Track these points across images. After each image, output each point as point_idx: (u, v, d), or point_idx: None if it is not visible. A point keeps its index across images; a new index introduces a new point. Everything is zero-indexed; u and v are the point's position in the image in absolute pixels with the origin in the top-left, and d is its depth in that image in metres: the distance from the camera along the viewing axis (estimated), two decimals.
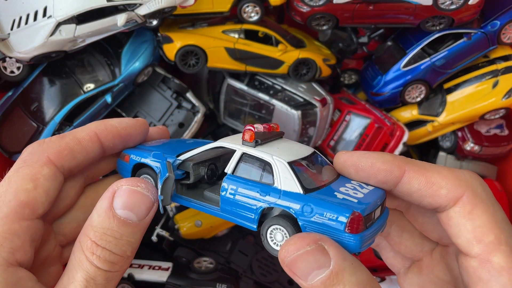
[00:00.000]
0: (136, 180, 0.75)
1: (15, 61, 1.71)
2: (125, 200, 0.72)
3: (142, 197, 0.73)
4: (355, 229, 0.68)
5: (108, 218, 0.71)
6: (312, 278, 0.64)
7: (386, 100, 2.03)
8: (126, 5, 1.53)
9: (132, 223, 0.71)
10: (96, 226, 0.71)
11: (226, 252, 1.91)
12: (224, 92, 1.99)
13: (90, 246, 0.70)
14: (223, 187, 0.77)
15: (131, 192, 0.72)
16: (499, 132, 2.09)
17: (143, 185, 0.74)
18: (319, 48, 2.02)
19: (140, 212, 0.72)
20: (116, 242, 0.70)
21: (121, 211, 0.71)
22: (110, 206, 0.71)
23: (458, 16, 1.79)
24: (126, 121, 0.86)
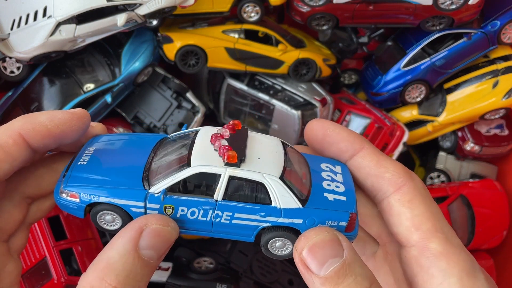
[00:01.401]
0: (166, 219, 0.68)
1: (15, 61, 1.70)
2: (153, 241, 0.65)
3: (169, 237, 0.67)
4: (352, 228, 0.72)
5: (132, 259, 0.63)
6: (326, 268, 0.64)
7: (386, 100, 2.03)
8: (126, 5, 1.53)
9: (153, 263, 0.66)
10: (118, 268, 0.63)
11: (226, 252, 1.91)
12: (224, 92, 1.99)
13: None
14: (216, 215, 0.72)
15: (160, 232, 0.66)
16: (499, 132, 2.09)
17: (173, 225, 0.69)
18: (319, 48, 2.02)
19: (162, 251, 0.67)
20: (139, 286, 0.64)
21: (146, 252, 0.65)
22: (135, 247, 0.64)
23: (458, 16, 1.79)
24: (59, 117, 0.73)
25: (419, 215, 0.73)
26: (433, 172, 2.13)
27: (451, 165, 2.14)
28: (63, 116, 0.73)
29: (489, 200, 1.99)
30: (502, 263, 2.02)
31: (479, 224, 1.96)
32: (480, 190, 2.00)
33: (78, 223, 1.75)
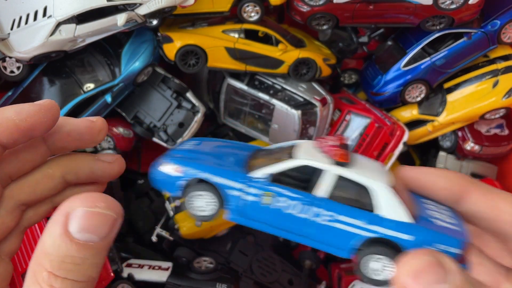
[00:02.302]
0: (93, 198, 0.64)
1: (15, 61, 1.70)
2: (83, 223, 0.61)
3: (102, 218, 0.62)
4: (465, 260, 0.67)
5: (65, 244, 0.60)
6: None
7: (386, 100, 2.03)
8: (126, 4, 1.53)
9: (94, 245, 0.61)
10: (51, 254, 0.60)
11: (226, 252, 1.91)
12: (224, 92, 2.00)
13: (48, 278, 0.59)
14: (317, 213, 0.68)
15: (88, 214, 0.62)
16: (499, 132, 2.09)
17: (103, 204, 0.63)
18: (319, 48, 2.02)
19: (102, 232, 0.62)
20: (78, 269, 0.60)
21: (80, 235, 0.60)
22: (65, 231, 0.60)
23: (458, 16, 1.79)
24: (26, 110, 0.70)
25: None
26: None
27: (451, 165, 2.14)
28: (31, 109, 0.70)
29: None
30: None
31: None
32: None
33: None
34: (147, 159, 2.23)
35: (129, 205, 2.05)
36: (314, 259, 2.06)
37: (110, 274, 1.70)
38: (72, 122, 0.78)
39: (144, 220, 2.07)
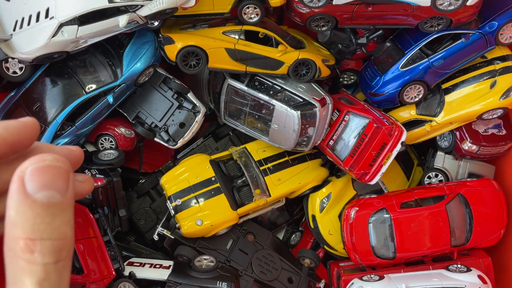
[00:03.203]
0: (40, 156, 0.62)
1: (17, 62, 1.72)
2: (38, 181, 0.60)
3: (54, 170, 0.61)
4: None
5: (29, 207, 0.59)
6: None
7: (384, 100, 2.05)
8: (127, 6, 1.54)
9: (57, 201, 0.60)
10: (20, 222, 0.59)
11: (227, 250, 1.93)
12: (225, 93, 2.01)
13: (25, 245, 0.59)
14: None
15: (40, 170, 0.60)
16: (497, 132, 2.10)
17: (51, 157, 0.62)
18: (318, 49, 2.04)
19: (60, 185, 0.61)
20: (52, 227, 0.60)
21: (41, 194, 0.59)
22: (25, 194, 0.59)
23: (457, 17, 1.80)
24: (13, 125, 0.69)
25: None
26: (431, 171, 2.15)
27: (449, 165, 2.16)
28: (16, 125, 0.69)
29: (486, 199, 2.01)
30: (500, 261, 2.04)
31: (477, 223, 1.98)
32: (478, 189, 2.02)
33: (79, 222, 1.76)
34: (148, 159, 2.25)
35: (130, 204, 2.06)
36: (313, 258, 2.08)
37: (112, 272, 1.72)
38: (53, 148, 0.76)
39: (145, 219, 2.09)
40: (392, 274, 1.90)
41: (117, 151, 1.89)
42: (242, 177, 1.98)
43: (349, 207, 2.03)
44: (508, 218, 2.03)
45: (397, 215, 1.95)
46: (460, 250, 1.99)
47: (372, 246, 1.96)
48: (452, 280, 1.80)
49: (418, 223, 1.94)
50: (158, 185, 2.05)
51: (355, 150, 1.95)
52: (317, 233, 2.11)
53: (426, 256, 1.98)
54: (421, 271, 1.91)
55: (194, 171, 1.94)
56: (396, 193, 2.05)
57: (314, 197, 2.11)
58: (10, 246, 0.59)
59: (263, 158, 2.03)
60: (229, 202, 1.90)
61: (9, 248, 0.59)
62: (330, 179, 2.14)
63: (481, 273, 1.84)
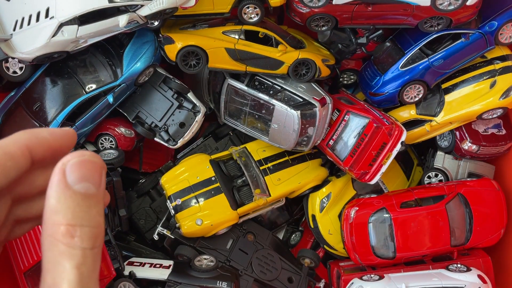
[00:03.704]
0: (79, 151, 0.69)
1: (17, 62, 1.72)
2: (78, 173, 0.67)
3: (92, 165, 0.68)
4: None
5: (69, 195, 0.65)
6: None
7: (384, 100, 2.05)
8: (127, 6, 1.54)
9: (92, 193, 0.67)
10: (61, 209, 0.65)
11: (227, 250, 1.93)
12: (225, 92, 2.01)
13: (66, 230, 0.64)
14: None
15: (80, 163, 0.67)
16: (496, 132, 2.10)
17: (88, 153, 0.69)
18: (318, 49, 2.04)
19: (96, 179, 0.68)
20: (89, 216, 0.66)
21: (79, 185, 0.66)
22: (65, 185, 0.66)
23: (456, 17, 1.80)
24: (57, 132, 0.78)
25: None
26: (431, 171, 2.15)
27: (449, 165, 2.16)
28: (61, 132, 0.78)
29: (486, 199, 2.01)
30: (500, 261, 2.04)
31: (477, 222, 1.98)
32: (478, 189, 2.02)
33: None
34: (148, 158, 2.25)
35: (130, 204, 2.06)
36: (313, 258, 2.08)
37: (112, 272, 1.72)
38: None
39: (145, 219, 2.09)
40: (392, 273, 1.90)
41: (117, 151, 1.89)
42: (242, 177, 1.98)
43: (349, 207, 2.03)
44: (508, 218, 2.03)
45: (397, 215, 1.95)
46: (460, 250, 1.99)
47: (372, 246, 1.97)
48: (452, 280, 1.80)
49: (418, 223, 1.94)
50: (158, 185, 2.05)
51: (355, 150, 1.95)
52: (317, 232, 2.11)
53: (426, 256, 1.98)
54: (421, 270, 1.91)
55: (194, 170, 1.95)
56: (396, 193, 2.06)
57: (314, 197, 2.11)
58: (50, 232, 0.63)
59: (263, 158, 2.04)
60: (229, 202, 1.90)
61: (49, 234, 0.63)
62: (330, 179, 2.15)
63: (481, 273, 1.84)
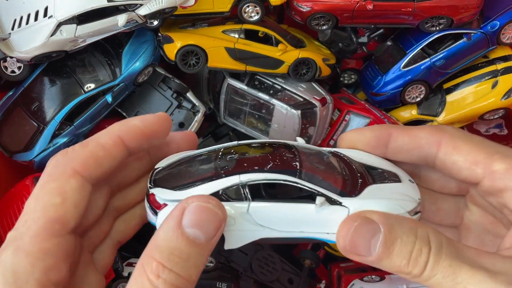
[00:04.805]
0: (206, 197, 0.71)
1: (16, 61, 1.71)
2: (195, 218, 0.67)
3: (212, 215, 0.69)
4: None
5: (176, 236, 0.66)
6: (373, 249, 0.69)
7: (386, 100, 2.04)
8: (126, 5, 1.53)
9: (200, 243, 0.67)
10: (162, 246, 0.66)
11: (226, 251, 1.92)
12: (224, 92, 2.00)
13: (156, 268, 0.65)
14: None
15: (202, 209, 0.68)
16: (498, 132, 2.10)
17: (214, 202, 0.70)
18: (319, 48, 2.03)
19: (209, 232, 0.68)
20: (184, 264, 0.66)
21: (190, 230, 0.67)
22: (179, 224, 0.67)
23: (458, 17, 1.79)
24: (148, 118, 0.82)
25: (470, 152, 0.78)
26: None
27: None
28: (152, 118, 0.82)
29: None
30: None
31: None
32: None
33: None
34: None
35: None
36: (314, 258, 2.07)
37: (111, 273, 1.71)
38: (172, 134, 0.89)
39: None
40: (393, 274, 1.89)
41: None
42: None
43: None
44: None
45: None
46: None
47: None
48: None
49: None
50: None
51: None
52: None
53: None
54: None
55: None
56: None
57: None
58: (143, 262, 0.67)
59: None
60: None
61: (142, 263, 0.67)
62: None
63: None
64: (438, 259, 0.68)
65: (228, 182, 0.77)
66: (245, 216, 0.77)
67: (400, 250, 0.67)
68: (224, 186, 0.77)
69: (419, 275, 0.68)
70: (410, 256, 0.67)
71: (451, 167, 0.80)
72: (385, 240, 0.68)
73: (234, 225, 0.77)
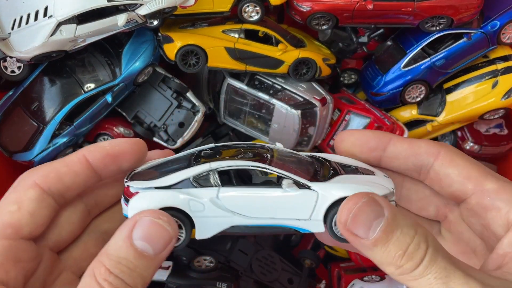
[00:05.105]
0: (159, 212, 0.74)
1: (15, 61, 1.71)
2: (145, 231, 0.71)
3: (162, 231, 0.72)
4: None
5: (125, 247, 0.70)
6: (372, 232, 0.69)
7: (386, 100, 2.04)
8: (126, 5, 1.53)
9: (147, 256, 0.71)
10: (112, 254, 0.70)
11: (226, 251, 1.92)
12: (224, 92, 2.00)
13: (104, 272, 0.69)
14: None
15: (152, 223, 0.71)
16: (498, 132, 2.09)
17: (165, 219, 0.73)
18: (319, 48, 2.02)
19: (157, 246, 0.71)
20: (130, 273, 0.69)
21: (139, 242, 0.70)
22: (129, 235, 0.71)
23: (458, 17, 1.79)
24: (117, 141, 0.85)
25: (464, 168, 0.82)
26: None
27: None
28: (121, 141, 0.85)
29: None
30: None
31: None
32: None
33: None
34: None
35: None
36: (314, 258, 2.07)
37: None
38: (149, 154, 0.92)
39: None
40: None
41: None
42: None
43: None
44: None
45: None
46: None
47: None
48: None
49: None
50: None
51: None
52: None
53: None
54: None
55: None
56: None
57: None
58: (94, 265, 0.71)
59: None
60: None
61: (93, 266, 0.71)
62: None
63: None
64: (435, 258, 0.67)
65: (198, 169, 0.81)
66: (215, 201, 0.80)
67: (398, 240, 0.67)
68: (194, 173, 0.80)
69: (411, 270, 0.67)
70: (406, 248, 0.67)
71: (444, 179, 0.82)
72: (387, 225, 0.68)
73: (203, 211, 0.79)
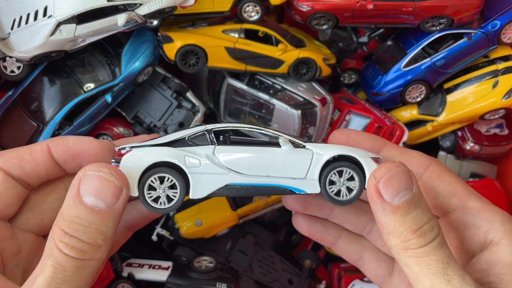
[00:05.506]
0: (99, 165, 0.73)
1: (15, 61, 1.70)
2: (91, 186, 0.70)
3: (107, 183, 0.71)
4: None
5: (75, 206, 0.70)
6: (399, 199, 0.72)
7: (386, 100, 2.03)
8: (126, 5, 1.53)
9: (100, 211, 0.70)
10: (64, 214, 0.71)
11: (226, 251, 1.92)
12: (224, 92, 2.00)
13: (59, 234, 0.70)
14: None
15: (96, 177, 0.71)
16: (499, 132, 2.09)
17: (106, 170, 0.72)
18: (319, 48, 2.02)
19: (107, 199, 0.71)
20: (84, 230, 0.69)
21: (88, 198, 0.70)
22: (77, 193, 0.70)
23: (458, 17, 1.79)
24: (82, 139, 0.86)
25: (451, 184, 0.85)
26: None
27: (451, 165, 2.15)
28: (85, 139, 0.86)
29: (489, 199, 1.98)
30: None
31: None
32: (480, 190, 1.99)
33: None
34: None
35: None
36: (314, 259, 2.07)
37: (111, 273, 1.71)
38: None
39: None
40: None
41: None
42: None
43: None
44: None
45: None
46: None
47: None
48: None
49: None
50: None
51: None
52: None
53: None
54: None
55: None
56: None
57: None
58: (52, 230, 0.72)
59: None
60: (228, 203, 1.89)
61: (52, 230, 0.72)
62: None
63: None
64: (443, 244, 0.72)
65: (194, 130, 0.84)
66: (211, 158, 0.81)
67: (417, 216, 0.71)
68: (190, 133, 0.83)
69: (417, 247, 0.70)
70: (421, 226, 0.71)
71: (430, 191, 0.85)
72: (412, 199, 0.71)
73: (199, 167, 0.80)
